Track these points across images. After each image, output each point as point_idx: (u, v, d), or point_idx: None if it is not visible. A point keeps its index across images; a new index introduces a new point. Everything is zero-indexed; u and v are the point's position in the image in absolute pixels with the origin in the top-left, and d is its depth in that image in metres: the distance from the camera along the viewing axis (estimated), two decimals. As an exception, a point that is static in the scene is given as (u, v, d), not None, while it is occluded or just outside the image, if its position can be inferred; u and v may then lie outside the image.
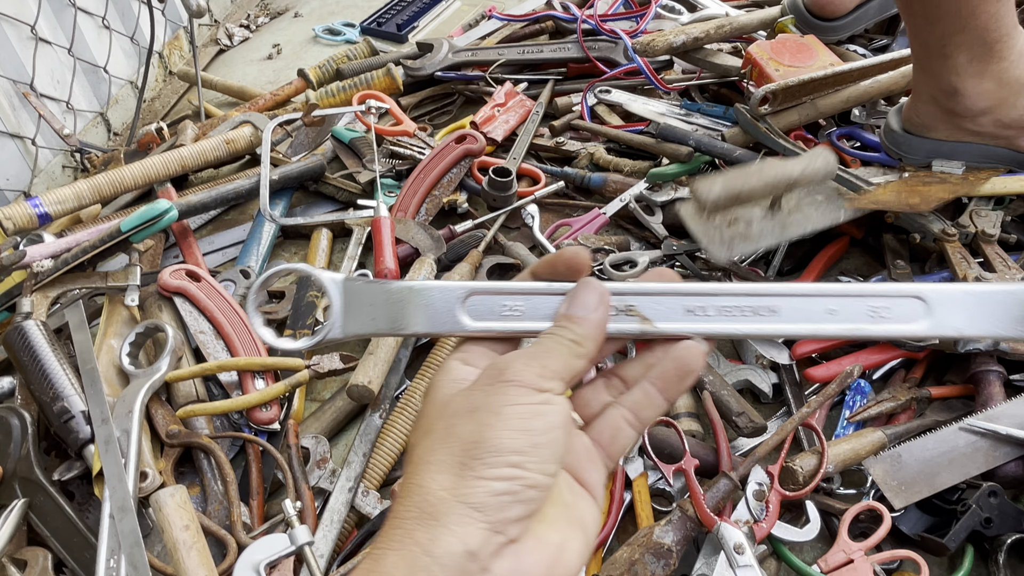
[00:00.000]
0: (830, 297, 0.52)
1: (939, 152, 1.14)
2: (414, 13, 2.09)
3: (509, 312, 0.53)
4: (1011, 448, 0.88)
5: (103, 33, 1.90)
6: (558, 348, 0.49)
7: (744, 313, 0.52)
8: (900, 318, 0.52)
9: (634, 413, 0.53)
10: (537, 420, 0.45)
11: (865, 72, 1.33)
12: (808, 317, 0.52)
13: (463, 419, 0.46)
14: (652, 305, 0.53)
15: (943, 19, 0.99)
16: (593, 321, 0.50)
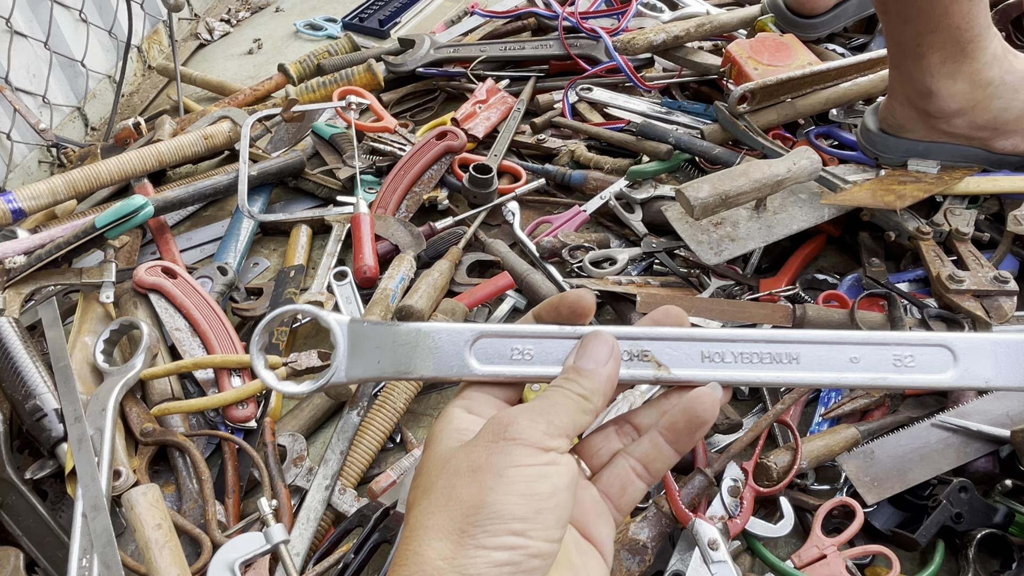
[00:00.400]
0: (853, 345, 0.51)
1: (914, 152, 1.15)
2: (396, 9, 2.09)
3: (519, 356, 0.52)
4: (981, 444, 0.89)
5: (80, 26, 1.88)
6: (565, 403, 0.47)
7: (763, 360, 0.51)
8: (925, 368, 0.50)
9: (644, 464, 0.51)
10: (542, 483, 0.43)
11: (843, 71, 1.34)
12: (830, 365, 0.51)
13: (464, 479, 0.44)
14: (667, 351, 0.51)
15: (916, 18, 1.00)
16: (603, 375, 0.48)
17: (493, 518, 0.42)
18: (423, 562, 0.41)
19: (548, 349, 0.52)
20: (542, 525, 0.42)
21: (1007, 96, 1.05)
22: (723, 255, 1.12)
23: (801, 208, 1.16)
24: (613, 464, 0.51)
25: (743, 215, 1.16)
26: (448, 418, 0.49)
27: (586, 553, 0.48)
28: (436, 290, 1.16)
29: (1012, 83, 1.05)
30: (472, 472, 0.44)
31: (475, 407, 0.50)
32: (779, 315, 1.05)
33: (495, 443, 0.45)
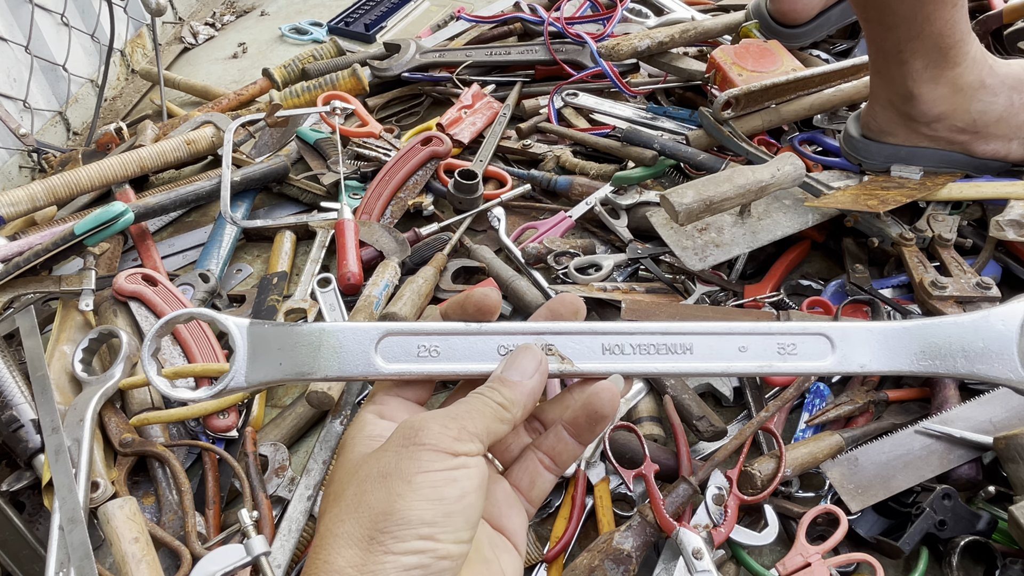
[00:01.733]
0: (741, 335, 0.54)
1: (897, 157, 1.15)
2: (382, 13, 2.08)
3: (426, 353, 0.52)
4: (965, 451, 0.89)
5: (62, 30, 1.86)
6: (483, 409, 0.47)
7: (660, 351, 0.53)
8: (807, 355, 0.54)
9: (551, 457, 0.52)
10: (450, 488, 0.43)
11: (827, 77, 1.34)
12: (721, 355, 0.54)
13: (373, 485, 0.44)
14: (570, 344, 0.53)
15: (899, 25, 1.00)
16: (526, 388, 0.49)
17: (402, 524, 0.42)
18: (332, 571, 0.41)
19: (454, 346, 0.53)
20: (451, 528, 0.43)
21: (986, 99, 1.06)
22: (708, 261, 1.11)
23: (786, 214, 1.16)
24: (523, 458, 0.52)
25: (728, 221, 1.16)
26: (360, 424, 0.49)
27: (499, 547, 0.49)
28: (421, 297, 1.16)
29: (992, 86, 1.05)
30: (382, 478, 0.44)
31: (387, 412, 0.50)
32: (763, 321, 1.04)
33: (404, 448, 0.45)
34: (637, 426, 0.96)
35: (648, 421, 1.01)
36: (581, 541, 0.93)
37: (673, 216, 1.08)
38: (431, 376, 0.53)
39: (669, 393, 0.99)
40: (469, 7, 1.99)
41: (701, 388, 1.04)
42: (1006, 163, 1.12)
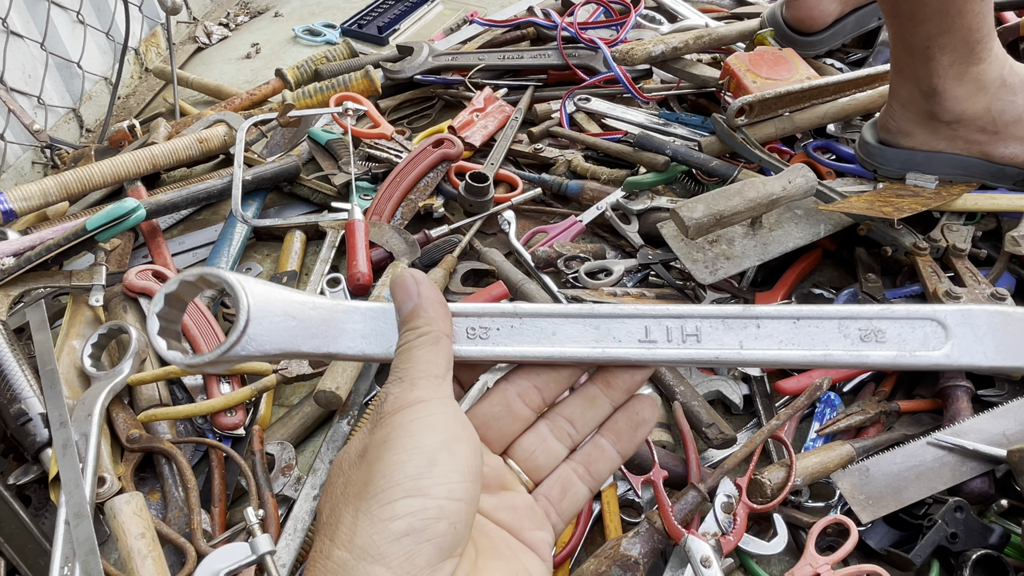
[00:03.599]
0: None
1: (913, 163, 1.15)
2: (396, 16, 2.08)
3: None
4: (977, 463, 0.88)
5: (77, 28, 1.87)
6: (413, 351, 0.45)
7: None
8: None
9: (586, 467, 0.50)
10: (427, 435, 0.41)
11: (842, 86, 1.34)
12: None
13: (355, 467, 0.42)
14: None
15: (929, 19, 0.99)
16: (423, 303, 0.46)
17: (385, 485, 0.39)
18: (327, 558, 0.39)
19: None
20: (441, 479, 0.39)
21: (1007, 98, 1.05)
22: (718, 274, 1.11)
23: (797, 225, 1.16)
24: (555, 469, 0.50)
25: (738, 232, 1.15)
26: (348, 443, 0.47)
27: (519, 551, 0.46)
28: (430, 299, 1.15)
29: (1012, 85, 1.05)
30: (360, 456, 0.42)
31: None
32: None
33: (375, 422, 0.43)
34: (646, 432, 0.95)
35: (657, 428, 1.00)
36: (588, 547, 0.92)
37: (683, 230, 1.07)
38: (465, 359, 0.48)
39: (678, 399, 0.99)
40: (482, 11, 1.99)
41: (711, 395, 1.03)
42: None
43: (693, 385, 1.02)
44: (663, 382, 1.02)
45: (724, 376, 1.05)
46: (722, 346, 0.48)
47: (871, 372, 1.03)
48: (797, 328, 0.48)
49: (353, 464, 0.42)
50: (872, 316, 0.47)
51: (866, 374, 1.03)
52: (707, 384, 1.04)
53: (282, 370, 1.06)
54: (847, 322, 0.47)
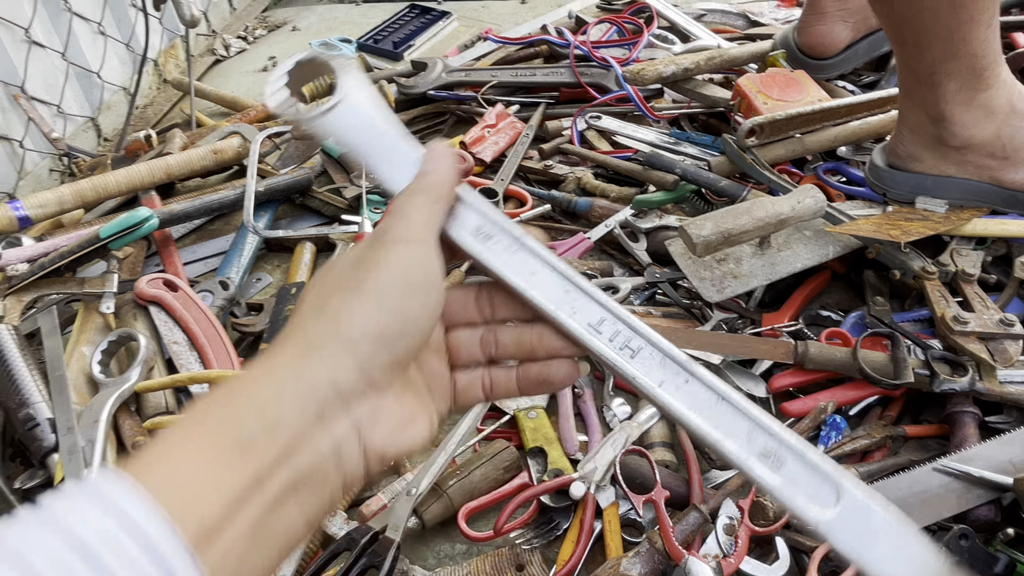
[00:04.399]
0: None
1: (923, 187, 1.14)
2: (411, 32, 2.11)
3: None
4: (983, 491, 0.87)
5: (98, 39, 1.90)
6: (415, 200, 0.50)
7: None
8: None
9: (491, 381, 0.54)
10: (416, 271, 0.46)
11: (853, 109, 1.34)
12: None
13: (348, 270, 0.47)
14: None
15: (934, 45, 1.00)
16: (441, 167, 0.51)
17: (370, 292, 0.45)
18: (306, 327, 0.45)
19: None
20: (417, 309, 0.46)
21: (1016, 124, 1.05)
22: (725, 292, 1.11)
23: (806, 246, 1.16)
24: (469, 367, 0.54)
25: (747, 251, 1.15)
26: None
27: (423, 405, 0.50)
28: (436, 313, 1.16)
29: (1022, 111, 1.05)
30: (354, 265, 0.47)
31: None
32: (781, 351, 1.03)
33: (375, 243, 0.47)
34: (649, 451, 0.95)
35: (660, 447, 1.00)
36: (588, 566, 0.91)
37: (691, 247, 1.07)
38: (460, 247, 0.52)
39: (682, 419, 0.98)
40: (497, 28, 2.01)
41: (715, 415, 1.03)
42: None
43: (697, 405, 1.02)
44: (667, 401, 1.02)
45: (729, 397, 1.05)
46: (646, 374, 0.49)
47: (877, 396, 1.03)
48: (716, 405, 0.48)
49: (346, 268, 0.47)
50: (783, 442, 0.47)
51: (872, 397, 1.03)
52: (712, 404, 1.03)
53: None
54: (757, 432, 0.47)
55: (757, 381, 1.05)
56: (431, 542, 0.96)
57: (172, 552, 0.34)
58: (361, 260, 0.47)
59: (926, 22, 0.98)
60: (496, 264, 0.51)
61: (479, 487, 0.97)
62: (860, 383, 1.02)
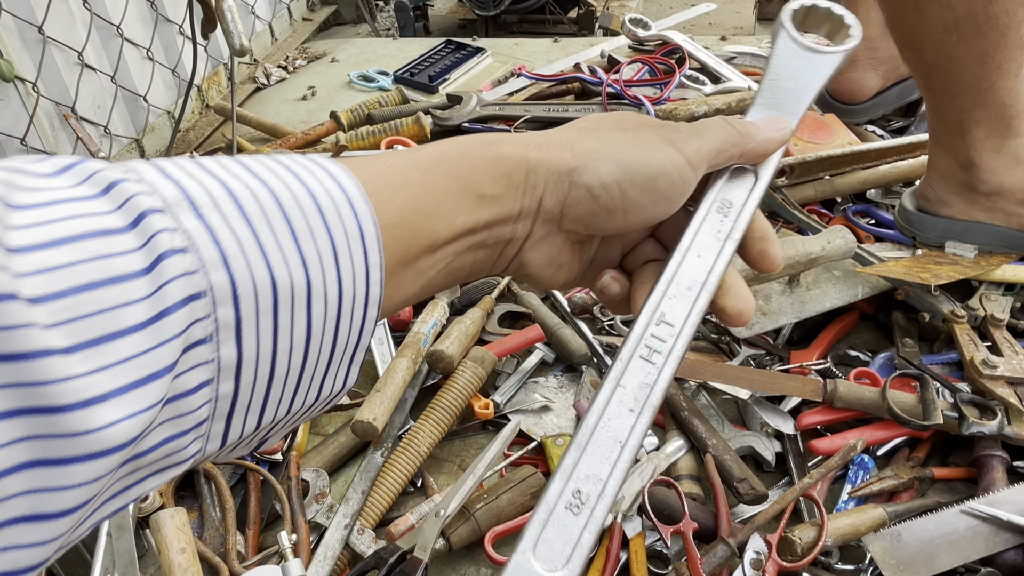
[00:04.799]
0: None
1: (952, 232, 1.16)
2: (446, 66, 2.16)
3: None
4: (1011, 535, 0.87)
5: (146, 64, 1.98)
6: (718, 131, 0.49)
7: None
8: None
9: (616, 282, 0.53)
10: (669, 182, 0.47)
11: (883, 153, 1.36)
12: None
13: (612, 120, 0.49)
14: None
15: (962, 94, 1.02)
16: (765, 129, 0.51)
17: (632, 153, 0.47)
18: (565, 138, 0.48)
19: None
20: (646, 202, 0.47)
21: None
22: (754, 329, 1.12)
23: (835, 285, 1.17)
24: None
25: (776, 289, 1.17)
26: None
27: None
28: (467, 337, 1.18)
29: None
30: (626, 125, 0.49)
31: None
32: (809, 388, 1.04)
33: (655, 126, 0.49)
34: (676, 483, 0.96)
35: (688, 479, 1.00)
36: (613, 594, 0.92)
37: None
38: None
39: (711, 452, 0.99)
40: (530, 65, 2.06)
41: (743, 450, 1.04)
42: (1064, 247, 1.12)
43: (726, 439, 1.03)
44: (695, 434, 1.03)
45: (757, 433, 1.06)
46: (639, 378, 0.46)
47: (905, 437, 1.03)
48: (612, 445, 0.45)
49: (612, 120, 0.50)
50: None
51: (901, 438, 1.03)
52: (740, 439, 1.04)
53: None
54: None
55: (786, 418, 1.06)
56: (457, 564, 0.97)
57: (373, 238, 0.37)
58: (636, 125, 0.49)
59: (954, 71, 1.00)
60: (687, 236, 0.50)
61: (506, 511, 0.98)
62: (888, 423, 1.02)
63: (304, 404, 0.38)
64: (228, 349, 0.32)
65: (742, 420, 1.10)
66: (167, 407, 0.31)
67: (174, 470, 0.34)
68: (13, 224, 0.28)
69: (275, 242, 0.33)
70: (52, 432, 0.27)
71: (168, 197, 0.31)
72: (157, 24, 2.00)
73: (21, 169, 0.30)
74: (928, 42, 1.00)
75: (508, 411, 1.14)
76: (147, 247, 0.30)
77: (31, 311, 0.26)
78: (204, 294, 0.31)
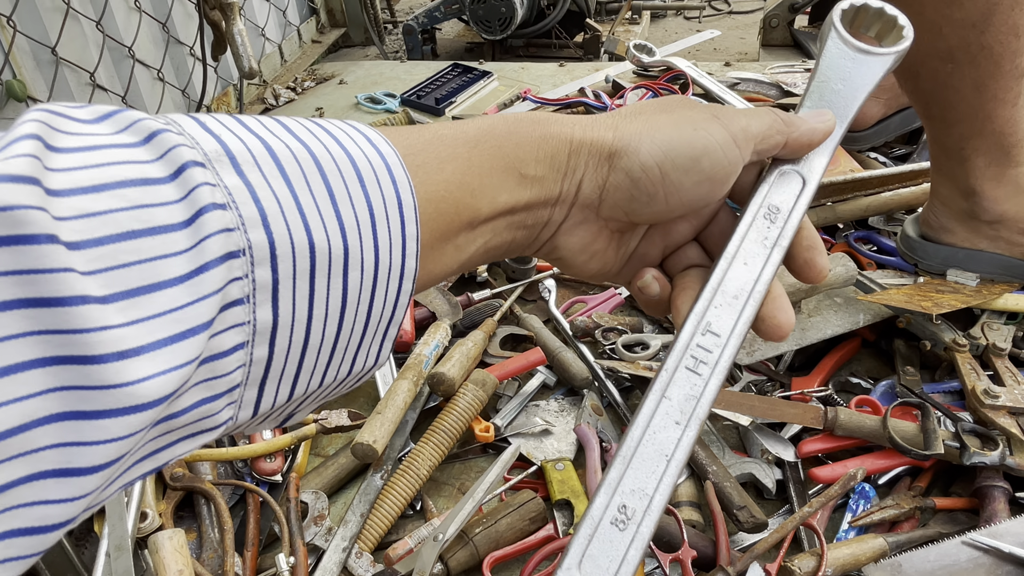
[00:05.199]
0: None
1: (954, 260, 1.16)
2: (453, 89, 2.19)
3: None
4: (1013, 567, 0.86)
5: (156, 85, 2.01)
6: (765, 117, 0.49)
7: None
8: None
9: (658, 280, 0.51)
10: (718, 170, 0.46)
11: (885, 180, 1.37)
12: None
13: (667, 101, 0.49)
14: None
15: (960, 122, 1.02)
16: (810, 121, 0.50)
17: (651, 138, 0.46)
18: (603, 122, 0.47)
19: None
20: (689, 184, 0.46)
21: None
22: (755, 355, 1.12)
23: (836, 313, 1.17)
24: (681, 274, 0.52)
25: (778, 313, 1.17)
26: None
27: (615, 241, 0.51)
28: (469, 360, 1.18)
29: None
30: (671, 107, 0.48)
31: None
32: (810, 416, 1.04)
33: (701, 106, 0.48)
34: (676, 510, 0.95)
35: (687, 506, 1.00)
36: (611, 622, 0.91)
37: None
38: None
39: (710, 479, 0.99)
40: (535, 89, 2.08)
41: (743, 477, 1.03)
42: (1066, 276, 1.12)
43: (726, 466, 1.02)
44: (696, 461, 1.03)
45: (758, 460, 1.05)
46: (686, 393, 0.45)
47: (906, 466, 1.03)
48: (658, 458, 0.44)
49: (663, 103, 0.49)
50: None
51: (902, 467, 1.03)
52: (740, 466, 1.04)
53: (322, 420, 1.09)
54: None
55: (786, 445, 1.06)
56: (455, 589, 0.97)
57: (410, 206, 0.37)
58: (693, 105, 0.48)
59: (950, 99, 1.01)
60: (733, 242, 0.49)
61: (505, 536, 0.98)
62: (889, 452, 1.02)
63: (337, 377, 0.38)
64: (264, 312, 0.31)
65: (743, 446, 1.10)
66: (202, 367, 0.30)
67: (206, 435, 0.33)
68: (53, 167, 0.27)
69: (314, 204, 0.33)
70: (85, 383, 0.26)
71: (209, 151, 0.31)
72: (168, 46, 2.03)
73: (62, 113, 0.29)
74: (924, 71, 1.01)
75: (509, 434, 1.14)
76: (188, 199, 0.29)
77: (69, 256, 0.25)
78: (242, 253, 0.30)
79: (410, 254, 0.37)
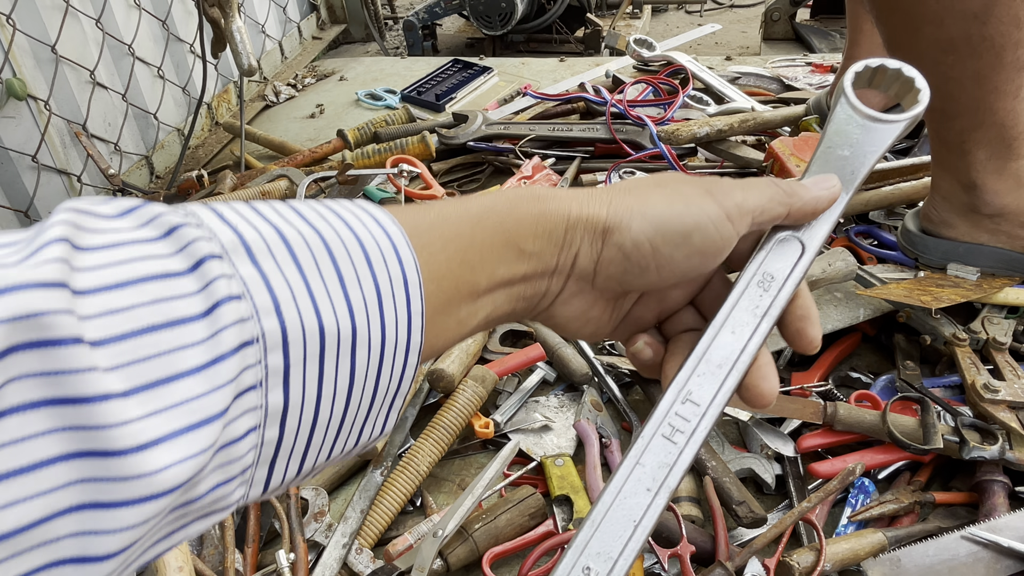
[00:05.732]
0: None
1: (955, 254, 1.15)
2: (453, 85, 2.18)
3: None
4: (1013, 562, 0.86)
5: (157, 82, 2.01)
6: (765, 189, 0.48)
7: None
8: None
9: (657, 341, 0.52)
10: (709, 239, 0.46)
11: (886, 174, 1.36)
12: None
13: (663, 177, 0.49)
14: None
15: (961, 115, 1.02)
16: (812, 190, 0.50)
17: (642, 214, 0.46)
18: (603, 193, 0.47)
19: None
20: (680, 257, 0.46)
21: None
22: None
23: (836, 308, 1.17)
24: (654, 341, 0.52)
25: (777, 310, 1.17)
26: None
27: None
28: (468, 356, 1.19)
29: None
30: (666, 182, 0.48)
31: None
32: (810, 411, 1.04)
33: (696, 182, 0.48)
34: (675, 505, 0.95)
35: (687, 502, 1.00)
36: (610, 617, 0.91)
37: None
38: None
39: (709, 474, 0.99)
40: (535, 84, 2.08)
41: (743, 473, 1.03)
42: (1068, 270, 1.12)
43: (725, 461, 1.02)
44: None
45: (757, 455, 1.05)
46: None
47: (906, 461, 1.02)
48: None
49: (650, 181, 0.49)
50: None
51: (901, 462, 1.02)
52: (739, 461, 1.04)
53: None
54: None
55: (786, 440, 1.06)
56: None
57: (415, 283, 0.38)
58: (672, 181, 0.48)
59: (951, 91, 1.00)
60: (723, 311, 0.49)
61: (504, 532, 0.98)
62: (889, 447, 1.02)
63: (344, 449, 0.39)
64: (275, 395, 0.33)
65: (742, 442, 1.10)
66: (218, 454, 0.31)
67: (218, 515, 0.34)
68: (80, 266, 0.28)
69: (324, 289, 0.34)
70: (105, 476, 0.27)
71: (226, 242, 0.32)
72: (168, 43, 2.03)
73: (87, 211, 0.31)
74: (924, 62, 1.00)
75: (508, 430, 1.14)
76: (205, 291, 0.30)
77: (93, 355, 0.27)
78: (256, 340, 0.31)
79: (415, 329, 0.38)
